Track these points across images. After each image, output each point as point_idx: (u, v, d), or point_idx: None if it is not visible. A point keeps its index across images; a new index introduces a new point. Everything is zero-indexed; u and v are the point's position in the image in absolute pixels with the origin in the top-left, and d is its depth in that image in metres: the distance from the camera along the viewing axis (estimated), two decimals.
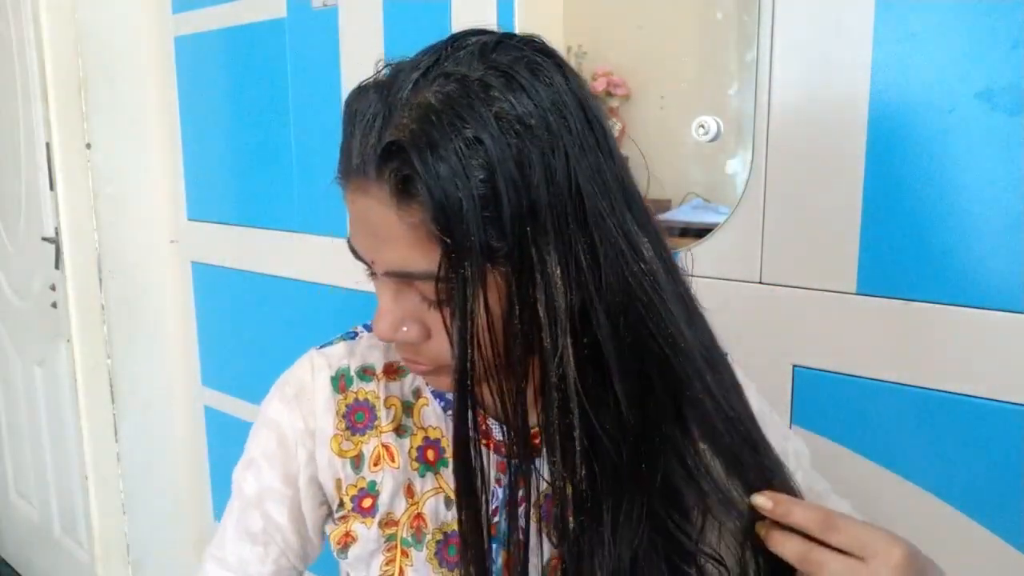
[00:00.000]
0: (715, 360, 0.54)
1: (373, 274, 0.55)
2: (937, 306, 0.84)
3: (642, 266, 0.50)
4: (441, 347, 0.53)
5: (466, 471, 0.55)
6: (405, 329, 0.55)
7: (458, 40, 0.52)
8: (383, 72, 0.53)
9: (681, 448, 0.54)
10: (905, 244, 0.85)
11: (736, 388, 0.55)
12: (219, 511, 1.90)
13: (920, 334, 0.85)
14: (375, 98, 0.50)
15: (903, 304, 0.86)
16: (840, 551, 0.49)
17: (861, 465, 0.90)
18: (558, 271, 0.49)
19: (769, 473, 0.53)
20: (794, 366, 0.95)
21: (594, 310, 0.50)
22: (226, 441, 1.83)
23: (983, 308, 0.81)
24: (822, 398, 0.93)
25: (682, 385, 0.52)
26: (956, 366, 0.84)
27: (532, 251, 0.49)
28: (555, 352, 0.50)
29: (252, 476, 0.66)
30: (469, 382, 0.51)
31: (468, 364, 0.51)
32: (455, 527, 0.62)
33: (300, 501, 0.66)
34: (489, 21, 1.16)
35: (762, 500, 0.51)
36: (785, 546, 0.50)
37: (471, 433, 0.53)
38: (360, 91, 0.52)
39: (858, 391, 0.90)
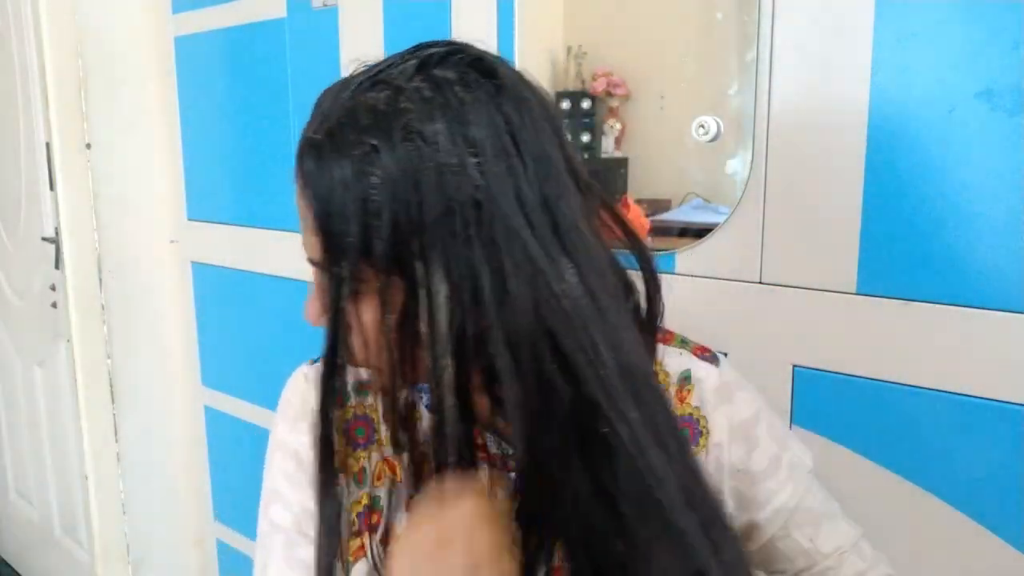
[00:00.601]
0: (645, 397, 0.50)
1: None
2: (937, 306, 0.84)
3: (557, 290, 0.48)
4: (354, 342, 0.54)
5: (324, 472, 0.56)
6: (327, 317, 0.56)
7: (418, 50, 0.53)
8: (356, 71, 0.55)
9: (589, 488, 0.50)
10: (905, 244, 0.85)
11: (671, 430, 0.51)
12: (219, 511, 1.91)
13: (920, 334, 0.85)
14: (331, 94, 0.53)
15: (903, 304, 0.86)
16: None
17: (861, 465, 0.90)
18: (444, 289, 0.48)
19: (703, 526, 0.49)
20: (794, 366, 0.95)
21: (492, 336, 0.48)
22: (226, 441, 1.83)
23: (983, 308, 0.81)
24: (822, 398, 0.93)
25: (594, 422, 0.49)
26: (956, 366, 0.84)
27: (418, 265, 0.48)
28: (435, 373, 0.49)
29: (281, 508, 0.65)
30: (337, 379, 0.53)
31: (335, 361, 0.52)
32: None
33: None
34: (489, 21, 1.16)
35: None
36: None
37: (331, 433, 0.55)
38: (327, 89, 0.54)
39: (858, 391, 0.90)
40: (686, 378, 0.66)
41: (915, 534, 0.87)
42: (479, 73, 0.50)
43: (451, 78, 0.50)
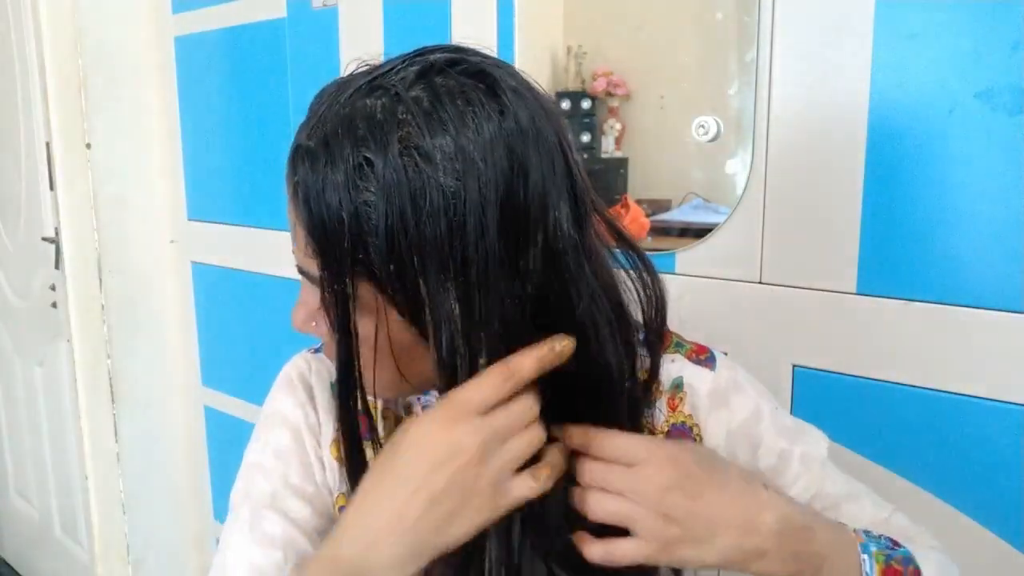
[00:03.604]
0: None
1: None
2: (937, 306, 0.84)
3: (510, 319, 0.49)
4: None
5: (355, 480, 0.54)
6: (315, 324, 0.55)
7: (419, 54, 0.51)
8: (355, 71, 0.53)
9: None
10: (905, 244, 0.85)
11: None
12: (219, 511, 1.90)
13: (920, 334, 0.85)
14: (327, 94, 0.51)
15: (903, 304, 0.86)
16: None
17: (861, 465, 0.90)
18: (457, 311, 0.47)
19: None
20: (794, 366, 0.95)
21: (461, 356, 0.48)
22: (226, 441, 1.83)
23: (983, 308, 0.81)
24: (822, 398, 0.93)
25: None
26: (956, 366, 0.84)
27: (422, 285, 0.47)
28: (445, 389, 0.49)
29: (261, 479, 0.62)
30: (358, 394, 0.52)
31: (353, 376, 0.51)
32: None
33: (323, 496, 0.63)
34: (489, 21, 1.16)
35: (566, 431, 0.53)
36: (571, 440, 0.52)
37: (357, 446, 0.54)
38: (323, 88, 0.53)
39: (858, 391, 0.90)
40: (677, 385, 0.65)
41: None
42: (481, 86, 0.48)
43: (452, 89, 0.48)
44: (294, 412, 0.64)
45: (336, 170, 0.47)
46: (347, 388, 0.52)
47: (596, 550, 0.51)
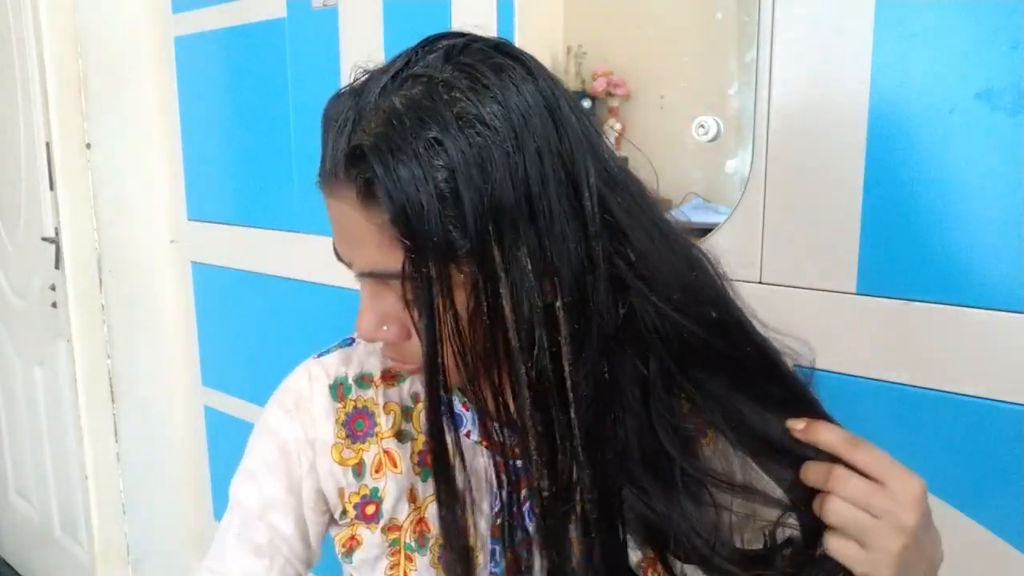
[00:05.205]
0: (728, 324, 0.61)
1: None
2: (937, 306, 0.84)
3: (638, 253, 0.53)
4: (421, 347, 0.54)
5: (444, 470, 0.56)
6: (385, 329, 0.56)
7: (429, 44, 0.53)
8: (360, 78, 0.54)
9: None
10: (905, 244, 0.85)
11: (745, 333, 0.62)
12: (219, 511, 1.90)
13: (920, 334, 0.85)
14: (348, 104, 0.52)
15: (903, 304, 0.86)
16: (863, 473, 0.53)
17: None
18: (529, 266, 0.49)
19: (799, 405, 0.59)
20: (794, 366, 0.94)
21: (556, 309, 0.51)
22: (226, 441, 1.83)
23: (983, 308, 0.81)
24: (822, 398, 0.93)
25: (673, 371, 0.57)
26: (956, 366, 0.84)
27: (496, 249, 0.49)
28: (527, 352, 0.50)
29: (253, 487, 0.66)
30: (442, 379, 0.53)
31: (439, 362, 0.52)
32: None
33: (303, 510, 0.65)
34: (489, 21, 1.16)
35: (793, 422, 0.58)
36: (820, 436, 0.56)
37: (447, 432, 0.55)
38: (335, 98, 0.54)
39: (858, 391, 0.90)
40: None
41: None
42: (505, 58, 0.51)
43: (479, 63, 0.50)
44: (284, 430, 0.66)
45: (406, 157, 0.48)
46: (435, 379, 0.53)
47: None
